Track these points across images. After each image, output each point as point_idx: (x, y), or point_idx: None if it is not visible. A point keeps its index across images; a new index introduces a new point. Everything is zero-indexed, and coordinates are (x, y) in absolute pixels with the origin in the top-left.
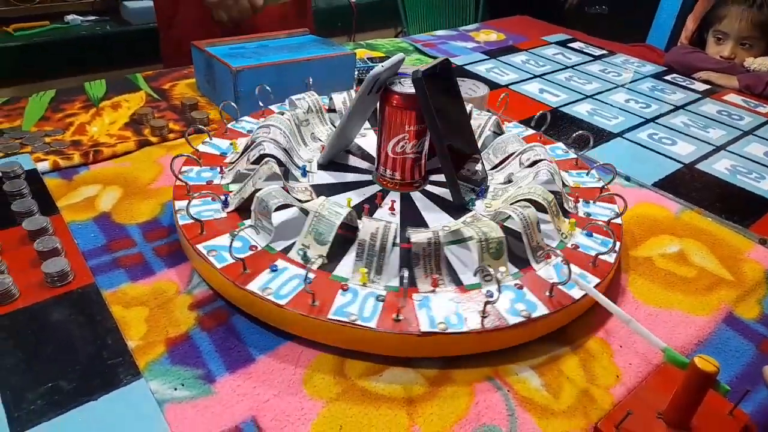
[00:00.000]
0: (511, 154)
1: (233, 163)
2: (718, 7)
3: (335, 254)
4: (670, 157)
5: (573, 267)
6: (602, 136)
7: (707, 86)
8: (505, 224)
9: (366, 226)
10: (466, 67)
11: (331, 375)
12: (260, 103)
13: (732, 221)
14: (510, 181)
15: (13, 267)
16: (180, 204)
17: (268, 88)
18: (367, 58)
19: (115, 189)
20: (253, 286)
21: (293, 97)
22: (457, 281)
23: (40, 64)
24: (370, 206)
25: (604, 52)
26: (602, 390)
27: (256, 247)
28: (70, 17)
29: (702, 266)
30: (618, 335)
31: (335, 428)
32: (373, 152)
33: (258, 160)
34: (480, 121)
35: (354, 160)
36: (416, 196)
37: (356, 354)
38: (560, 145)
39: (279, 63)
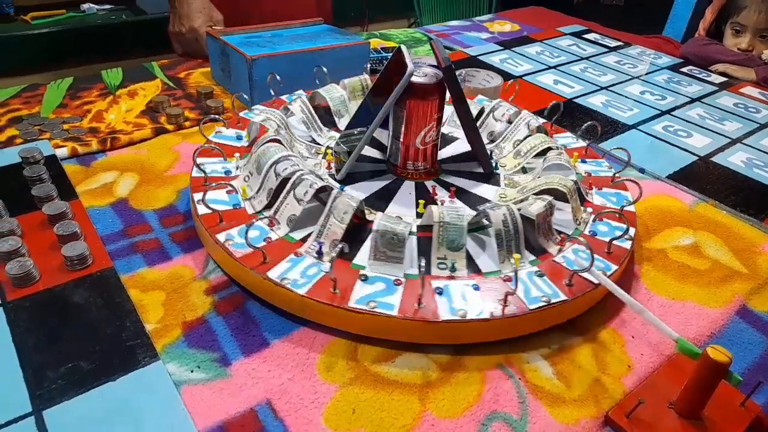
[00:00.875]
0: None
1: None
2: None
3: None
4: (686, 150)
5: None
6: (616, 127)
7: (724, 78)
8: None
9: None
10: (479, 57)
11: (344, 360)
12: (271, 92)
13: (747, 214)
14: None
15: (34, 250)
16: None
17: (278, 77)
18: (381, 48)
19: (132, 175)
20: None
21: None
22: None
23: (57, 52)
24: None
25: (620, 43)
26: (614, 379)
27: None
28: (86, 6)
29: (716, 258)
30: (630, 326)
31: (348, 412)
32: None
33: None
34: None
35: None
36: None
37: (369, 339)
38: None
39: (293, 52)
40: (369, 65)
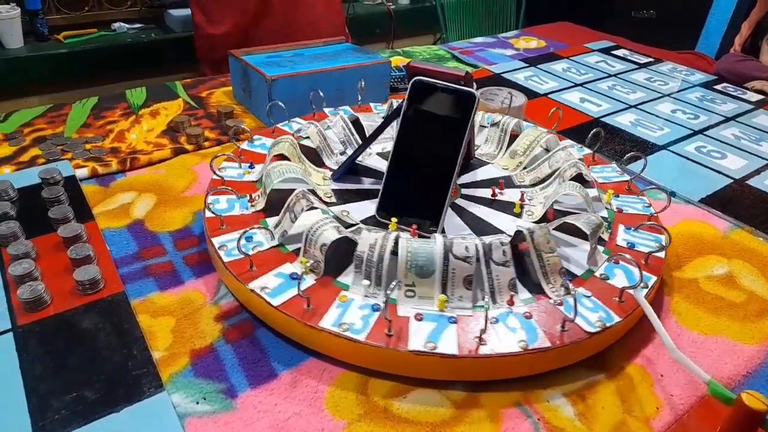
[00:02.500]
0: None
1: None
2: None
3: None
4: (719, 172)
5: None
6: (646, 148)
7: (761, 96)
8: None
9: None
10: (503, 75)
11: (354, 394)
12: (271, 120)
13: None
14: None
15: (48, 273)
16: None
17: (281, 104)
18: (403, 66)
19: (150, 196)
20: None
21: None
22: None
23: (87, 70)
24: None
25: (650, 59)
26: (640, 422)
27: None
28: (116, 25)
29: (752, 290)
30: (659, 363)
31: None
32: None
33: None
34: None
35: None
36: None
37: (380, 373)
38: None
39: (313, 72)
40: (391, 83)
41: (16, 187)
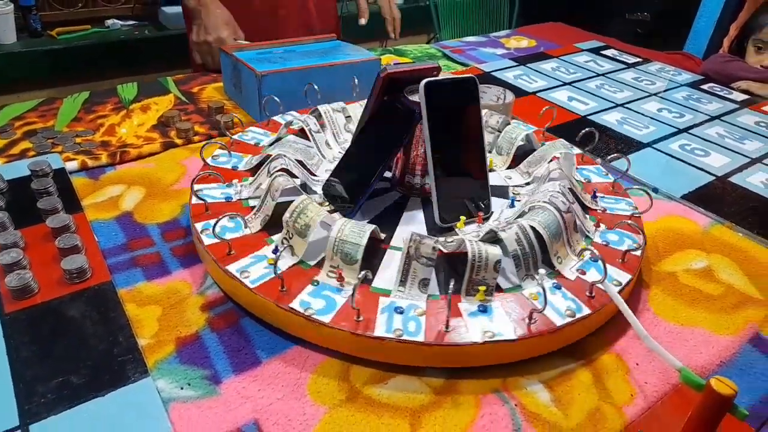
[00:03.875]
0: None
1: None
2: (758, 15)
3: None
4: (702, 169)
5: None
6: (631, 145)
7: (746, 96)
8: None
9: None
10: (493, 73)
11: (336, 380)
12: (266, 113)
13: (765, 237)
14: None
15: (36, 262)
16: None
17: (276, 99)
18: (394, 64)
19: (139, 189)
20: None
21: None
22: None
23: (80, 66)
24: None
25: (639, 59)
26: (615, 408)
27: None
28: (110, 22)
29: (730, 283)
30: (635, 352)
31: None
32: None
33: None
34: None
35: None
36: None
37: (362, 360)
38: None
39: (303, 68)
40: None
41: (6, 178)
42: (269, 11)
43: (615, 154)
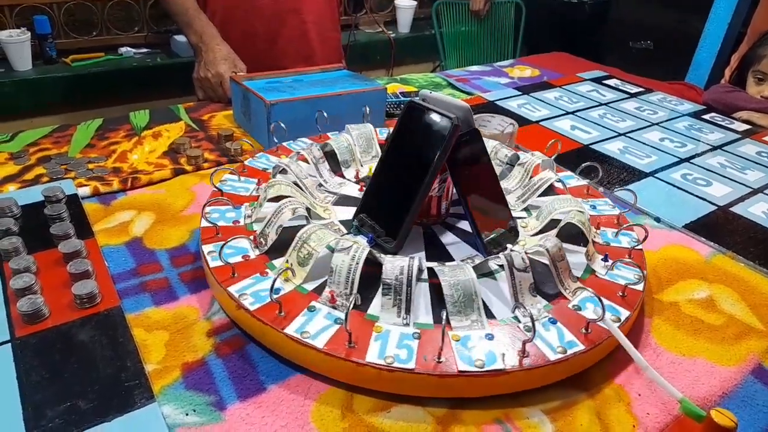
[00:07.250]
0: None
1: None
2: (758, 47)
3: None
4: (704, 199)
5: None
6: (633, 174)
7: (748, 126)
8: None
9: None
10: (497, 102)
11: (339, 409)
12: (275, 140)
13: (767, 267)
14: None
15: (47, 287)
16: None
17: (282, 125)
18: (400, 93)
19: (149, 215)
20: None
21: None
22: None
23: (93, 93)
24: None
25: (641, 89)
26: None
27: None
28: (124, 49)
29: (731, 313)
30: (637, 383)
31: None
32: None
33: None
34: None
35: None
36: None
37: (365, 390)
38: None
39: (311, 97)
40: (387, 109)
41: (20, 204)
42: (269, 41)
43: (622, 188)
